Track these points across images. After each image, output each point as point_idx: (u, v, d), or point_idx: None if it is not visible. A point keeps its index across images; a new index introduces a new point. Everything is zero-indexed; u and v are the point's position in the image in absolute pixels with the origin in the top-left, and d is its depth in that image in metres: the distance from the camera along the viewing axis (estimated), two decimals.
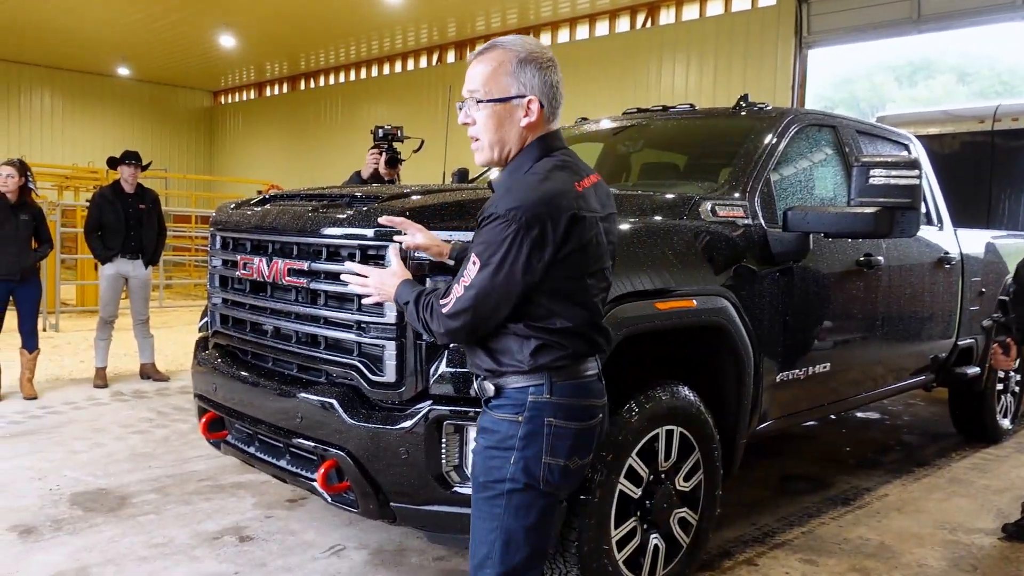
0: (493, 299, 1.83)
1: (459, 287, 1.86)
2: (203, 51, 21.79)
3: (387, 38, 19.81)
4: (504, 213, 1.79)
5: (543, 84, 1.93)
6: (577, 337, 1.91)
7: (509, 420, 1.90)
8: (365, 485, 2.60)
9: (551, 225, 1.79)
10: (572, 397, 1.92)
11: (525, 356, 1.89)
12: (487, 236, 1.82)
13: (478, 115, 1.96)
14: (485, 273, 1.81)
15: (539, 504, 1.92)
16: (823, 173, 4.14)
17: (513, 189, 1.85)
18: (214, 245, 3.33)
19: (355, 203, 2.79)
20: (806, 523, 4.03)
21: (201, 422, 3.28)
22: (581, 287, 1.89)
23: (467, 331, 1.89)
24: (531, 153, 1.93)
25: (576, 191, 1.87)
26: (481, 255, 1.82)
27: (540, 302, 1.85)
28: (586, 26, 16.77)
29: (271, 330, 3.00)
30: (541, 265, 1.80)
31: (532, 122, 1.92)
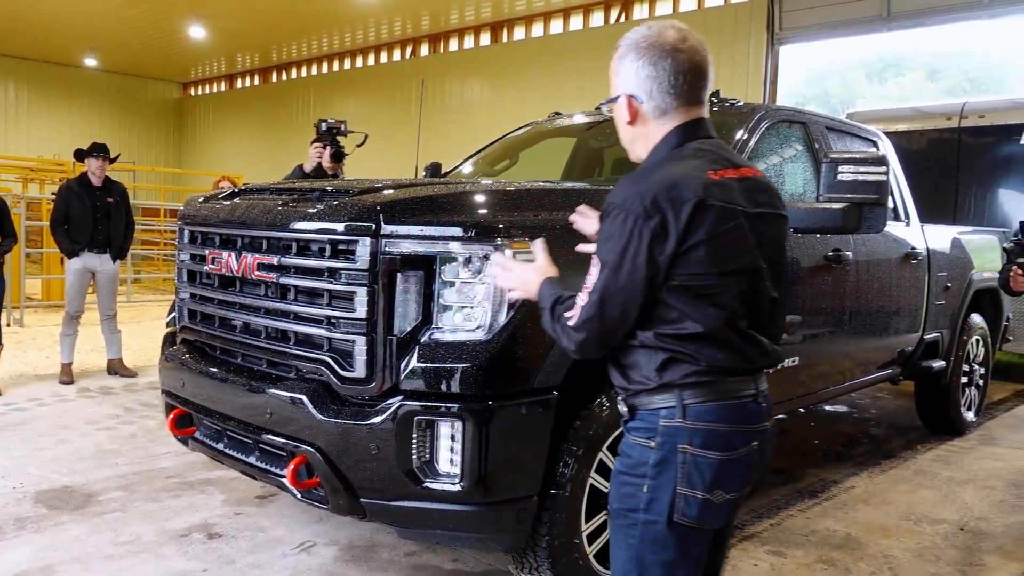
0: (619, 302, 1.66)
1: (583, 295, 1.70)
2: (172, 42, 21.50)
3: (360, 30, 19.67)
4: (621, 202, 1.64)
5: (635, 77, 1.76)
6: (712, 345, 1.68)
7: (642, 444, 1.72)
8: (335, 481, 2.58)
9: (672, 213, 1.60)
10: (713, 422, 1.68)
11: (651, 371, 1.70)
12: (606, 231, 1.68)
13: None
14: (607, 273, 1.65)
15: (678, 538, 1.71)
16: (793, 169, 4.18)
17: (631, 178, 1.70)
18: (182, 239, 3.29)
19: (326, 197, 2.76)
20: (775, 515, 4.08)
21: (169, 418, 3.24)
22: (716, 285, 1.66)
23: (596, 343, 1.71)
24: (665, 145, 1.77)
25: (708, 178, 1.67)
26: (600, 253, 1.68)
27: (669, 303, 1.66)
28: (560, 20, 16.78)
29: (240, 325, 2.97)
30: (664, 258, 1.62)
31: (630, 121, 1.79)
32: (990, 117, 8.14)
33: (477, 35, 18.42)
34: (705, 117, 1.81)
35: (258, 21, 18.82)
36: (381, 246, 2.52)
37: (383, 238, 2.52)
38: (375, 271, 2.52)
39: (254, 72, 25.34)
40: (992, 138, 8.08)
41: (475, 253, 2.51)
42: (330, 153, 4.90)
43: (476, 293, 2.51)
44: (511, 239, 2.53)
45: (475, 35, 18.45)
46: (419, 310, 2.53)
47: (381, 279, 2.52)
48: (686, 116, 1.77)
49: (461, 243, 2.52)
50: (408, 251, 2.52)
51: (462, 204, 2.70)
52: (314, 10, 17.73)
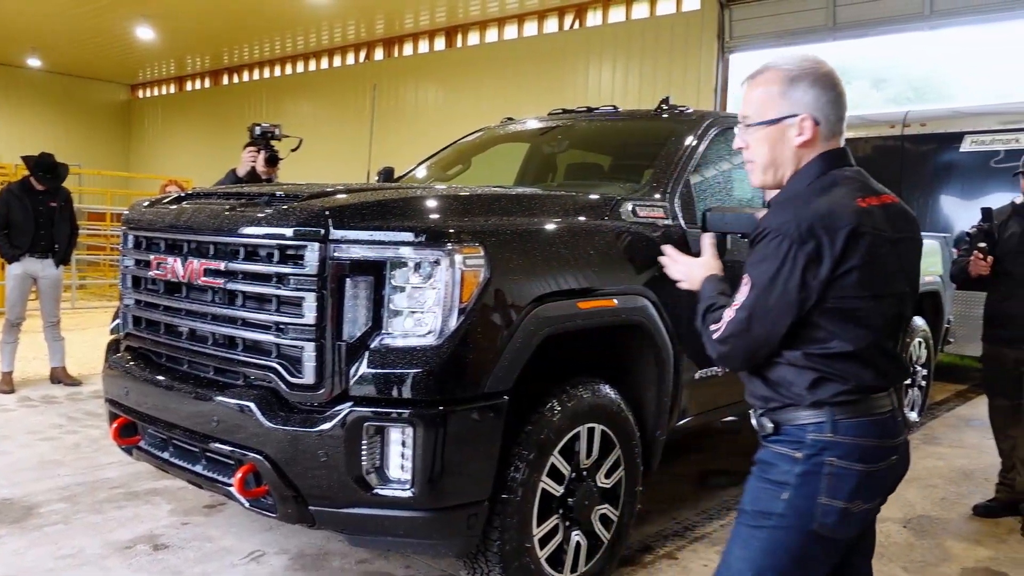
0: (768, 321, 1.76)
1: (731, 310, 1.81)
2: (120, 43, 21.04)
3: (313, 34, 19.47)
4: (777, 227, 1.73)
5: (816, 100, 1.84)
6: (859, 365, 1.77)
7: (787, 455, 1.80)
8: (284, 489, 2.55)
9: (827, 239, 1.70)
10: (860, 437, 1.78)
11: (802, 389, 1.79)
12: (760, 253, 1.76)
13: (750, 138, 1.92)
14: (757, 293, 1.75)
15: (801, 546, 1.79)
16: (741, 175, 4.24)
17: (786, 204, 1.79)
18: (126, 244, 3.22)
19: (275, 202, 2.73)
20: (725, 516, 4.13)
21: (112, 427, 3.17)
22: (865, 308, 1.76)
23: (740, 358, 1.84)
24: (810, 171, 1.85)
25: (857, 206, 1.76)
26: (752, 273, 1.77)
27: (819, 323, 1.75)
28: (515, 26, 16.81)
29: (186, 332, 2.92)
30: (817, 282, 1.71)
31: (807, 140, 1.84)
32: (932, 125, 8.39)
33: (432, 40, 18.37)
34: (846, 146, 1.92)
35: (208, 23, 18.52)
36: (330, 251, 2.50)
37: (332, 243, 2.50)
38: (324, 276, 2.50)
39: (204, 75, 24.92)
40: (934, 146, 8.32)
41: (425, 258, 2.50)
42: (264, 157, 4.86)
43: (427, 298, 2.50)
44: (462, 244, 2.53)
45: (430, 40, 18.40)
46: (369, 316, 2.51)
47: (330, 284, 2.49)
48: (837, 143, 1.89)
49: (412, 248, 2.51)
50: (358, 256, 2.51)
51: (412, 209, 2.70)
52: (265, 13, 17.51)
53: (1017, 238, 4.18)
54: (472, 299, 2.52)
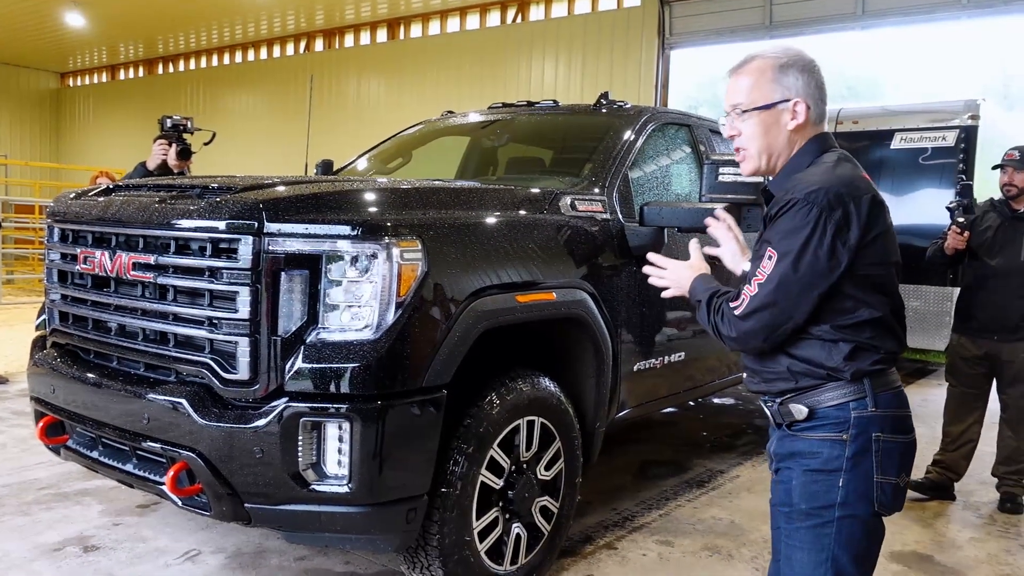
0: (795, 292, 1.74)
1: (752, 286, 1.78)
2: (48, 30, 20.31)
3: (251, 23, 19.08)
4: (804, 197, 1.73)
5: (807, 86, 1.89)
6: (887, 332, 1.81)
7: (832, 440, 1.79)
8: (218, 487, 2.50)
9: (854, 206, 1.73)
10: (895, 408, 1.82)
11: (839, 361, 1.78)
12: (785, 224, 1.75)
13: (743, 125, 1.93)
14: (785, 264, 1.73)
15: (868, 529, 1.81)
16: (678, 170, 4.31)
17: (807, 177, 1.80)
18: (52, 238, 3.11)
19: (207, 194, 2.67)
20: (663, 506, 4.20)
21: (39, 427, 3.06)
22: (888, 275, 1.82)
23: (764, 333, 1.79)
24: (809, 151, 1.90)
25: (867, 180, 1.83)
26: (778, 245, 1.75)
27: (848, 292, 1.76)
28: (457, 19, 16.74)
29: (115, 328, 2.84)
30: (847, 248, 1.73)
31: (800, 124, 1.89)
32: (864, 123, 8.62)
33: (374, 31, 18.18)
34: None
35: (142, 10, 17.99)
36: (264, 244, 2.45)
37: (266, 236, 2.46)
38: (258, 270, 2.45)
39: (138, 63, 24.22)
40: (865, 142, 8.55)
41: (362, 252, 2.48)
42: (176, 151, 4.76)
43: (363, 292, 2.48)
44: (399, 238, 2.51)
45: (371, 31, 18.21)
46: (305, 310, 2.48)
47: (265, 278, 2.45)
48: (823, 128, 1.96)
49: (348, 241, 2.48)
50: (293, 250, 2.47)
51: (349, 202, 2.67)
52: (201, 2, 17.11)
53: (993, 232, 4.28)
54: (410, 293, 2.50)
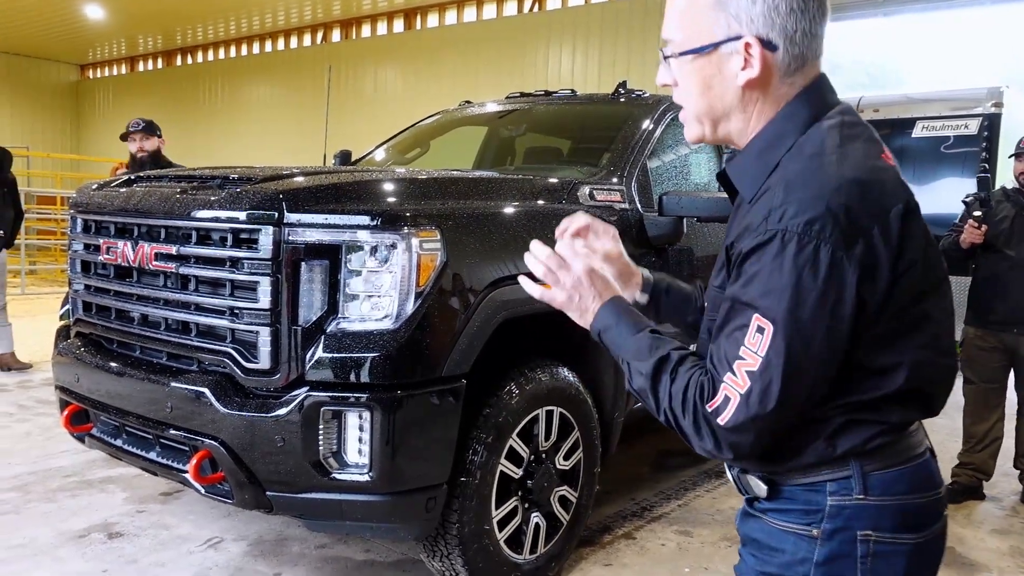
0: (807, 380, 1.10)
1: (738, 376, 1.10)
2: (69, 22, 20.46)
3: (269, 14, 19.14)
4: (797, 230, 1.07)
5: (769, 12, 1.16)
6: (909, 397, 1.18)
7: (796, 534, 1.21)
8: (240, 475, 2.53)
9: (880, 230, 1.09)
10: (902, 494, 1.19)
11: (821, 444, 1.17)
12: (775, 276, 1.08)
13: (677, 72, 1.27)
14: (790, 341, 1.07)
15: None
16: (697, 159, 4.29)
17: (795, 184, 1.11)
18: (75, 228, 3.15)
19: (228, 184, 2.69)
20: (682, 496, 4.20)
21: (64, 415, 3.10)
22: (923, 314, 1.17)
23: (760, 444, 1.14)
24: (791, 118, 1.20)
25: (891, 167, 1.18)
26: (771, 310, 1.08)
27: (871, 357, 1.14)
28: (474, 9, 16.71)
29: (138, 317, 2.87)
30: (876, 299, 1.11)
31: (754, 78, 1.18)
32: (884, 111, 8.53)
33: (390, 21, 18.18)
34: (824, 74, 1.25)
35: (160, 2, 18.09)
36: (285, 235, 2.47)
37: (287, 227, 2.47)
38: (279, 260, 2.47)
39: (157, 55, 24.36)
40: (887, 131, 8.46)
41: (382, 242, 2.49)
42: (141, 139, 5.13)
43: (383, 282, 2.49)
44: (418, 228, 2.52)
45: (388, 21, 18.21)
46: (325, 300, 2.49)
47: (285, 268, 2.47)
48: (815, 73, 1.23)
49: (368, 232, 2.49)
50: (313, 240, 2.48)
51: (368, 192, 2.68)
52: None
53: (1009, 222, 4.18)
54: (429, 283, 2.51)
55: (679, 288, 1.59)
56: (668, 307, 1.57)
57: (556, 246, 1.35)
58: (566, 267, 1.31)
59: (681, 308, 1.57)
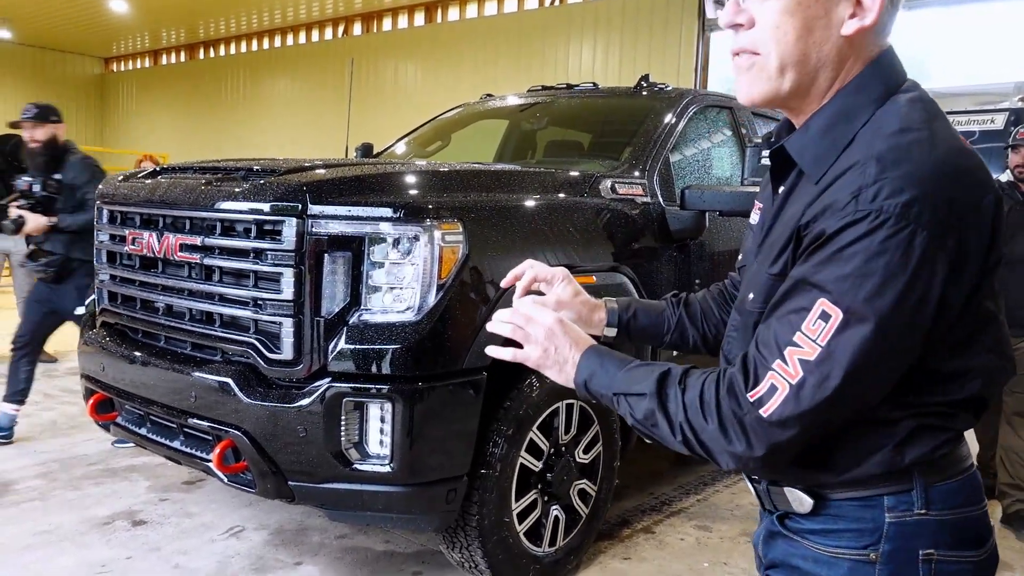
0: (869, 380, 0.99)
1: (790, 364, 0.99)
2: (93, 15, 20.64)
3: (291, 8, 19.20)
4: (894, 211, 0.94)
5: None
6: (976, 402, 1.09)
7: (850, 557, 1.08)
8: (262, 464, 2.55)
9: (974, 222, 0.99)
10: (962, 505, 1.09)
11: (887, 452, 1.05)
12: (855, 259, 0.95)
13: (764, 8, 1.07)
14: (862, 332, 0.95)
15: None
16: (720, 153, 4.26)
17: (889, 161, 0.97)
18: (101, 219, 3.18)
19: (252, 176, 2.71)
20: (701, 491, 4.19)
21: (89, 404, 3.14)
22: (989, 313, 1.08)
23: (800, 442, 1.02)
24: (868, 87, 1.07)
25: (978, 156, 1.05)
26: (844, 297, 0.96)
27: (943, 359, 1.04)
28: (495, 2, 16.68)
29: (163, 308, 2.89)
30: (960, 298, 1.00)
31: (867, 27, 1.05)
32: None
33: (411, 15, 18.18)
34: None
35: None
36: (308, 227, 2.48)
37: (310, 218, 2.49)
38: (302, 252, 2.48)
39: (180, 48, 24.53)
40: None
41: (404, 234, 2.50)
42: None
43: (405, 274, 2.50)
44: (441, 220, 2.52)
45: (409, 15, 18.21)
46: (347, 291, 2.51)
47: (308, 260, 2.48)
48: (886, 42, 1.11)
49: (390, 224, 2.50)
50: (336, 232, 2.50)
51: (391, 184, 2.68)
52: None
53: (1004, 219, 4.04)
54: (451, 275, 2.52)
55: (647, 307, 1.50)
56: (639, 330, 1.49)
57: (516, 305, 1.26)
58: (534, 321, 1.21)
59: (655, 327, 1.49)
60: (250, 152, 19.01)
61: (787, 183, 1.16)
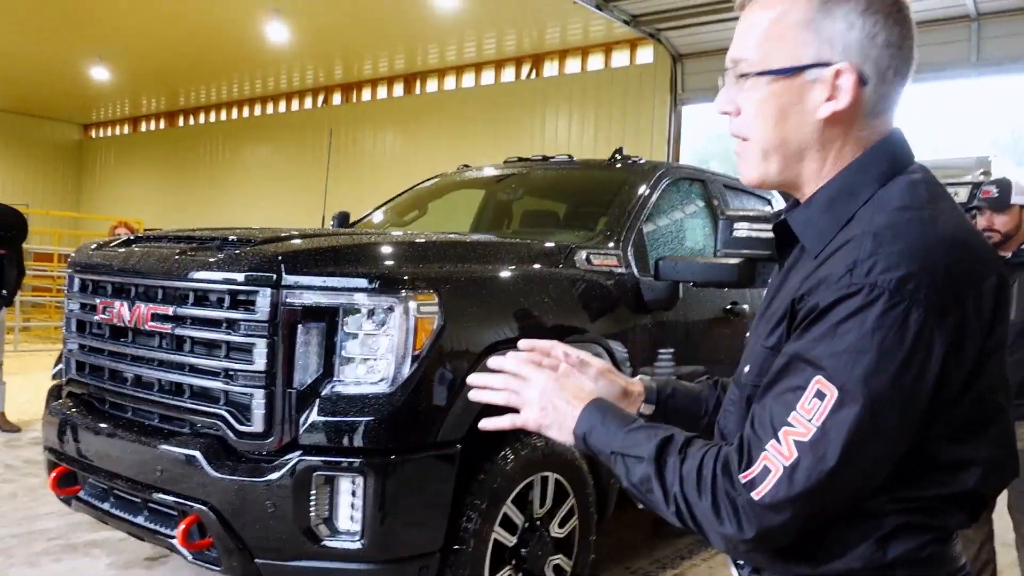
0: (866, 462, 0.95)
1: (784, 445, 0.95)
2: (73, 83, 20.81)
3: (271, 77, 19.50)
4: (888, 286, 0.92)
5: (868, 40, 1.03)
6: (974, 499, 1.03)
7: None
8: (229, 541, 2.48)
9: (973, 302, 0.96)
10: None
11: (869, 545, 1.00)
12: (849, 334, 0.93)
13: (745, 98, 1.11)
14: (856, 411, 0.92)
15: None
16: (693, 224, 4.33)
17: (886, 237, 0.96)
18: (72, 287, 3.15)
19: (226, 246, 2.71)
20: (678, 565, 4.12)
21: (51, 477, 3.06)
22: (998, 405, 1.04)
23: (794, 527, 0.98)
24: (869, 168, 1.07)
25: (980, 233, 1.08)
26: (839, 374, 0.93)
27: (941, 446, 1.00)
28: (472, 74, 17.04)
29: (131, 378, 2.85)
30: (959, 380, 0.97)
31: (840, 111, 1.05)
32: None
33: (390, 86, 18.52)
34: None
35: (164, 64, 18.43)
36: (282, 297, 2.47)
37: (284, 289, 2.48)
38: (276, 322, 2.47)
39: (160, 116, 24.72)
40: None
41: (379, 305, 2.49)
42: None
43: (380, 345, 2.49)
44: (416, 291, 2.52)
45: (388, 86, 18.55)
46: (320, 362, 2.49)
47: (282, 330, 2.47)
48: (891, 124, 1.10)
49: (365, 294, 2.50)
50: (310, 302, 2.49)
51: (366, 255, 2.69)
52: (223, 56, 17.52)
53: None
54: (426, 346, 2.51)
55: (685, 388, 1.42)
56: (676, 410, 1.39)
57: (507, 365, 1.22)
58: (527, 381, 1.19)
59: (692, 408, 1.41)
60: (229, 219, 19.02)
61: (790, 258, 1.17)
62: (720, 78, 1.17)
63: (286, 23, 14.29)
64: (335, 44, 16.30)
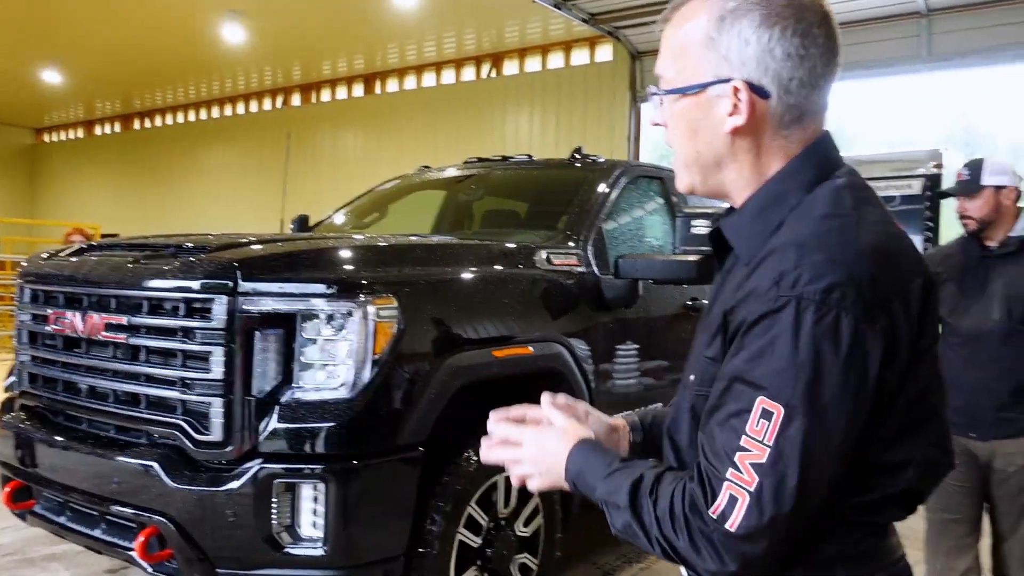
0: (827, 473, 0.96)
1: (743, 471, 0.95)
2: (25, 87, 20.35)
3: (228, 79, 19.25)
4: (814, 297, 0.94)
5: (764, 54, 1.05)
6: (910, 497, 1.07)
7: None
8: (189, 552, 2.45)
9: (900, 305, 0.98)
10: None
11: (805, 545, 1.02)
12: (784, 349, 0.95)
13: (666, 113, 1.17)
14: (803, 425, 0.93)
15: None
16: (652, 222, 4.36)
17: (810, 246, 0.98)
18: (23, 298, 3.08)
19: (181, 254, 2.67)
20: (644, 559, 4.15)
21: (4, 492, 2.99)
22: (932, 407, 1.07)
23: (777, 553, 0.98)
24: (795, 176, 1.09)
25: (907, 236, 1.09)
26: (780, 392, 0.94)
27: (879, 450, 1.02)
28: (433, 74, 16.99)
29: (86, 389, 2.79)
30: (894, 384, 0.99)
31: (741, 126, 1.08)
32: None
33: (350, 86, 18.39)
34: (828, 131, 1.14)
35: (118, 67, 18.10)
36: (239, 304, 2.45)
37: (241, 296, 2.45)
38: (233, 330, 2.44)
39: (115, 119, 24.28)
40: None
41: (337, 310, 2.47)
42: None
43: (339, 351, 2.47)
44: (375, 295, 2.51)
45: (348, 86, 18.41)
46: (279, 369, 2.46)
47: (239, 338, 2.44)
48: (817, 129, 1.12)
49: (323, 300, 2.48)
50: (268, 309, 2.46)
51: (324, 260, 2.67)
52: (178, 59, 17.24)
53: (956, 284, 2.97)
54: (385, 350, 2.50)
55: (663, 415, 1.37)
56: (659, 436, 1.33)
57: (496, 433, 1.25)
58: (517, 444, 1.22)
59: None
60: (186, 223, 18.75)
61: (728, 262, 1.18)
62: (653, 87, 1.21)
63: (243, 24, 14.13)
64: (294, 44, 16.14)
